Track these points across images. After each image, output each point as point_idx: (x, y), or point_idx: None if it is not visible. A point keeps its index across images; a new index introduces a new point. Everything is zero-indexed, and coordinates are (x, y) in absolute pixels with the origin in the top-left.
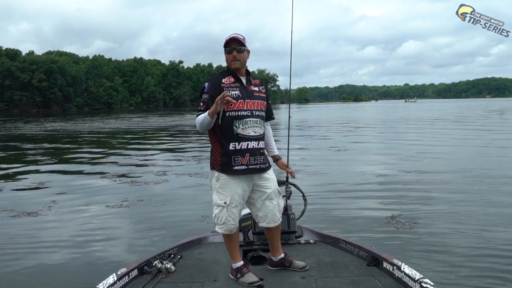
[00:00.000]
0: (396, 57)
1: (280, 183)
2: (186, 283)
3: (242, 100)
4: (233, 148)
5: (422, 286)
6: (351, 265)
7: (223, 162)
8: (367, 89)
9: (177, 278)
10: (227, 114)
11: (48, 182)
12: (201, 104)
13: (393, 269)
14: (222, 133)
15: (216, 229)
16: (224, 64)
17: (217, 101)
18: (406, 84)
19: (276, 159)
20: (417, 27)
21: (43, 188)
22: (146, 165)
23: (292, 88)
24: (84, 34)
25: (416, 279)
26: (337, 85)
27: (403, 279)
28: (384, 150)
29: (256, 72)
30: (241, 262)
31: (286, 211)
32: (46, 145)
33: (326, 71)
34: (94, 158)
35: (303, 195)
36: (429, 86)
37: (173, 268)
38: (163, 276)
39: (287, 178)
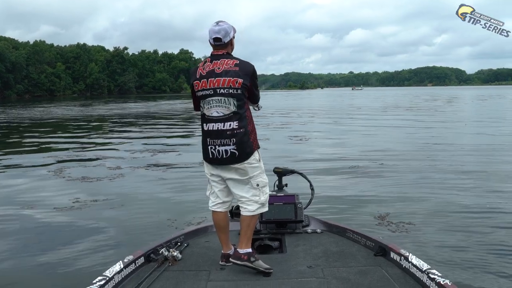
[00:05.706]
0: (343, 45)
1: (287, 171)
2: (192, 271)
3: None
4: None
5: (430, 277)
6: (358, 255)
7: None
8: (312, 77)
9: (183, 266)
10: None
11: None
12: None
13: (400, 260)
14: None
15: (264, 210)
16: (170, 51)
17: None
18: (351, 72)
19: None
20: (365, 16)
21: None
22: (98, 158)
23: None
24: (29, 19)
25: (423, 269)
26: (283, 73)
27: (410, 269)
28: (345, 138)
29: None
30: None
31: (293, 200)
32: None
33: (273, 58)
34: (36, 151)
35: (311, 184)
36: (373, 75)
37: (179, 256)
38: (170, 264)
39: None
